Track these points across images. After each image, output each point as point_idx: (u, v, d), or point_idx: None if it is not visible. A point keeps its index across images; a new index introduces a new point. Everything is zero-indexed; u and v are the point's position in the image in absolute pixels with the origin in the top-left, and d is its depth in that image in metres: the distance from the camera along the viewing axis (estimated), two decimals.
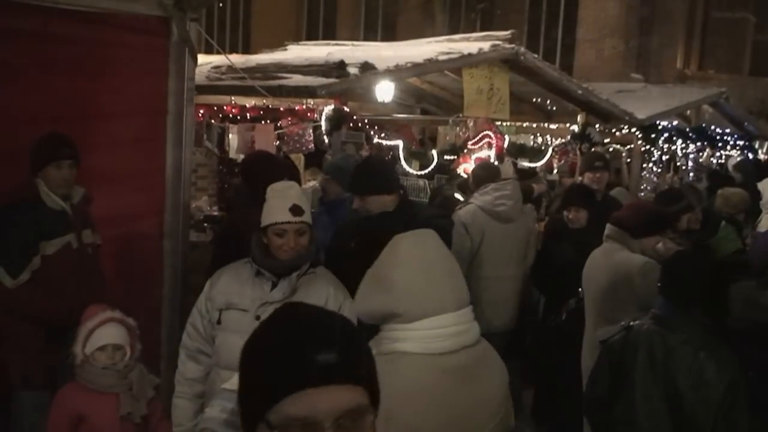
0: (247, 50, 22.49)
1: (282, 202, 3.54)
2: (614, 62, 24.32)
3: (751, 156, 14.90)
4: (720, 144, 13.74)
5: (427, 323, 2.35)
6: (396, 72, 8.81)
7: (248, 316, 3.51)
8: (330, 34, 24.22)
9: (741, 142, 14.69)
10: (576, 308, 5.48)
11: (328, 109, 8.47)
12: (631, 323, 3.68)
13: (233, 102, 9.39)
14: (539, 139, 11.88)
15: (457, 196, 7.58)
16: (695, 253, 4.88)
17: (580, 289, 5.39)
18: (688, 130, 12.87)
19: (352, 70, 8.40)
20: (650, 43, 26.21)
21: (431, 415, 2.32)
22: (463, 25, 23.67)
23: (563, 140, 10.87)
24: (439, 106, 12.63)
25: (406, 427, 2.22)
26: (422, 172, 9.57)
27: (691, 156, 12.74)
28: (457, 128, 9.97)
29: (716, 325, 3.48)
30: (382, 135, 9.40)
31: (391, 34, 23.53)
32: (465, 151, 9.40)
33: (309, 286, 3.61)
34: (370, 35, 24.23)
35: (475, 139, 9.38)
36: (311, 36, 24.30)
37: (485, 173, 6.69)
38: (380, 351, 2.30)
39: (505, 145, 9.66)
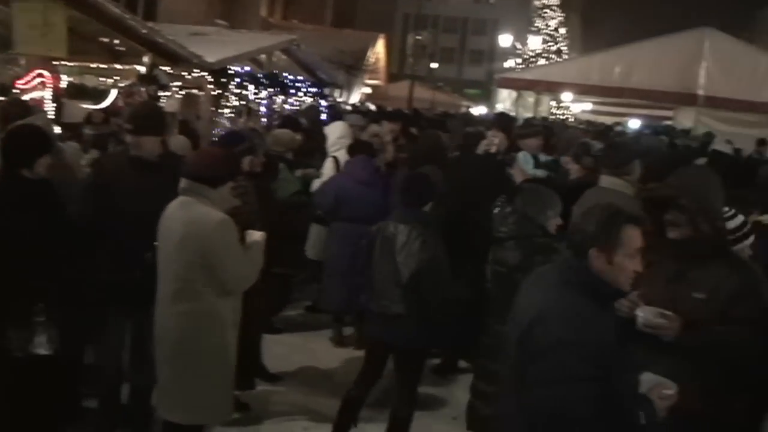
0: None
1: None
2: (199, 6, 24.06)
3: (323, 103, 15.56)
4: (292, 90, 14.10)
5: None
6: None
7: None
8: None
9: (314, 89, 15.22)
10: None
11: None
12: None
13: None
14: (107, 81, 11.20)
15: None
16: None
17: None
18: (260, 75, 13.01)
19: None
20: None
21: None
22: None
23: (129, 82, 10.34)
24: None
25: None
26: None
27: (264, 102, 12.92)
28: (9, 66, 9.07)
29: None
30: None
31: None
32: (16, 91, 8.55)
33: None
34: None
35: (27, 79, 8.58)
36: None
37: None
38: None
39: (63, 86, 8.98)
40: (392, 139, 9.16)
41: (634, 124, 22.66)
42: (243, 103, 12.50)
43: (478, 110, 37.35)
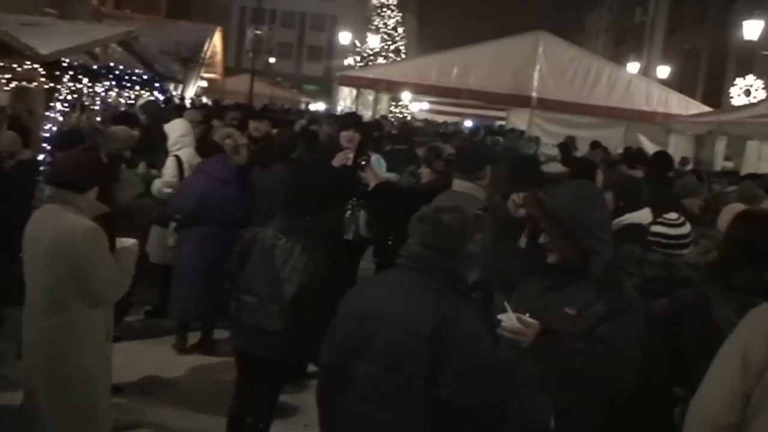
0: None
1: None
2: None
3: (161, 97, 15.03)
4: (129, 84, 13.54)
5: None
6: None
7: None
8: None
9: (151, 83, 14.68)
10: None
11: None
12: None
13: None
14: None
15: None
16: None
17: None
18: (95, 68, 12.39)
19: None
20: None
21: None
22: None
23: None
24: None
25: None
26: None
27: (100, 95, 12.32)
28: None
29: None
30: None
31: None
32: None
33: None
34: None
35: None
36: None
37: None
38: None
39: None
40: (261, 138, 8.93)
41: (469, 124, 23.31)
42: (77, 96, 11.87)
43: (318, 107, 37.36)
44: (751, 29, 24.29)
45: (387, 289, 3.46)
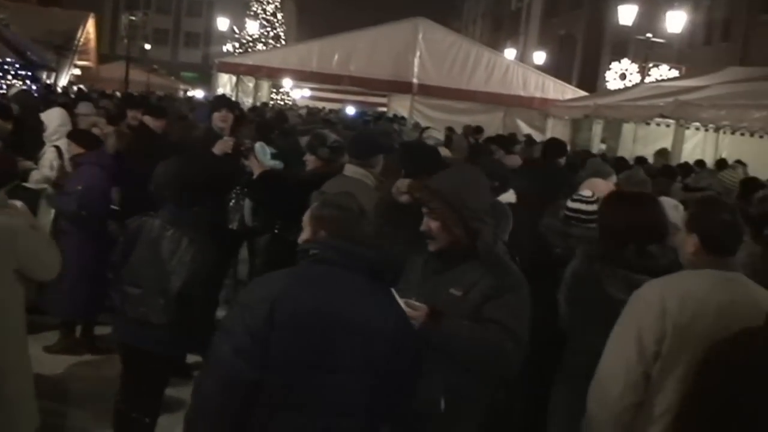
0: None
1: None
2: None
3: (34, 87, 14.47)
4: (0, 73, 12.99)
5: None
6: None
7: None
8: None
9: (24, 72, 14.14)
10: None
11: None
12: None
13: None
14: None
15: None
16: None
17: None
18: None
19: None
20: None
21: None
22: None
23: None
24: None
25: None
26: None
27: None
28: None
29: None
30: None
31: None
32: None
33: None
34: None
35: None
36: None
37: None
38: None
39: None
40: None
41: (350, 110, 23.35)
42: None
43: (196, 94, 36.70)
44: (625, 14, 25.24)
45: (336, 290, 3.03)
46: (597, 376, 3.33)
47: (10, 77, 13.22)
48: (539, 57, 38.63)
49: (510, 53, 37.19)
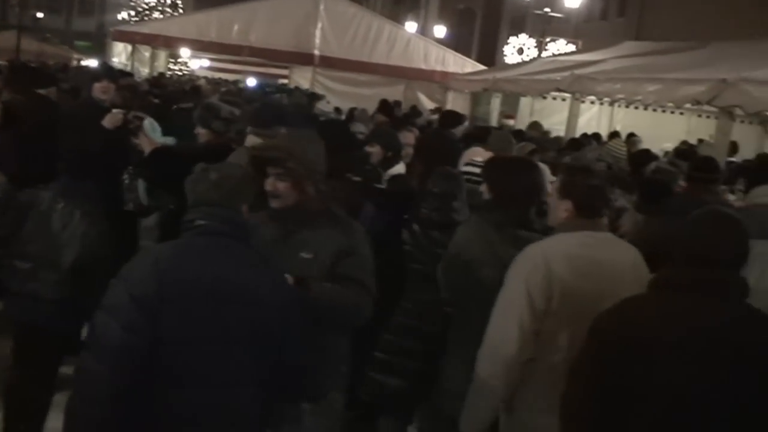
0: None
1: None
2: None
3: None
4: None
5: None
6: None
7: None
8: None
9: None
10: None
11: None
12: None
13: None
14: None
15: None
16: None
17: None
18: None
19: None
20: None
21: None
22: None
23: None
24: None
25: None
26: None
27: None
28: None
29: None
30: None
31: None
32: None
33: None
34: None
35: None
36: None
37: None
38: None
39: None
40: None
41: (251, 82, 23.03)
42: None
43: (90, 63, 35.54)
44: None
45: (222, 260, 2.99)
46: (489, 335, 3.42)
47: None
48: (440, 31, 38.84)
49: (411, 27, 37.21)
